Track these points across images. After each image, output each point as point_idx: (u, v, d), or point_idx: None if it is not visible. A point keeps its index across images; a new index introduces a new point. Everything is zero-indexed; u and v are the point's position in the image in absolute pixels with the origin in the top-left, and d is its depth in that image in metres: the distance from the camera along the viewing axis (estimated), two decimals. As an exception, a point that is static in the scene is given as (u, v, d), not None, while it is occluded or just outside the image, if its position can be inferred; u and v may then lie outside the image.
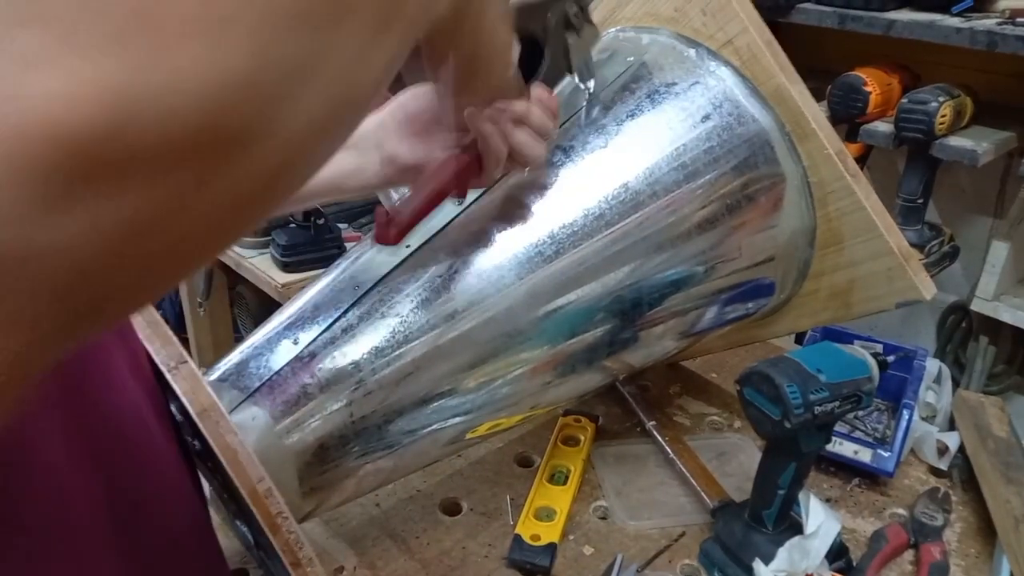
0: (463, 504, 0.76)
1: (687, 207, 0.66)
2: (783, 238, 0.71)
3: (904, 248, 0.67)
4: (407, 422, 0.60)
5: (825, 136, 0.67)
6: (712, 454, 0.82)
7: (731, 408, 0.91)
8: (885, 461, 0.77)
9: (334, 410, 0.57)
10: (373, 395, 0.58)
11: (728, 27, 0.69)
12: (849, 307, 0.73)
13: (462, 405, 0.62)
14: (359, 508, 0.74)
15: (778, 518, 0.66)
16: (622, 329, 0.67)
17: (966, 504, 0.78)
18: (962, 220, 1.28)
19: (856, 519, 0.76)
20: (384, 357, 0.58)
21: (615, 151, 0.66)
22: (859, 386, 0.63)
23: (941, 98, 1.03)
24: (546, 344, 0.64)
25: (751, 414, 0.63)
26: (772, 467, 0.65)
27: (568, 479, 0.77)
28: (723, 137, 0.67)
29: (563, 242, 0.62)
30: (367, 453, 0.60)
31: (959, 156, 1.04)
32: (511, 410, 0.67)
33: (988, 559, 0.71)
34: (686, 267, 0.68)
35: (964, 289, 1.29)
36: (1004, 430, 0.81)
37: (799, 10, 1.15)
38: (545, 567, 0.67)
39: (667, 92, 0.68)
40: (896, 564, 0.71)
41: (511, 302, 0.61)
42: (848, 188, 0.67)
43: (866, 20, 1.09)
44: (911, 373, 0.84)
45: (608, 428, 0.87)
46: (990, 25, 0.99)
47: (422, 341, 0.59)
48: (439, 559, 0.69)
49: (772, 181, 0.69)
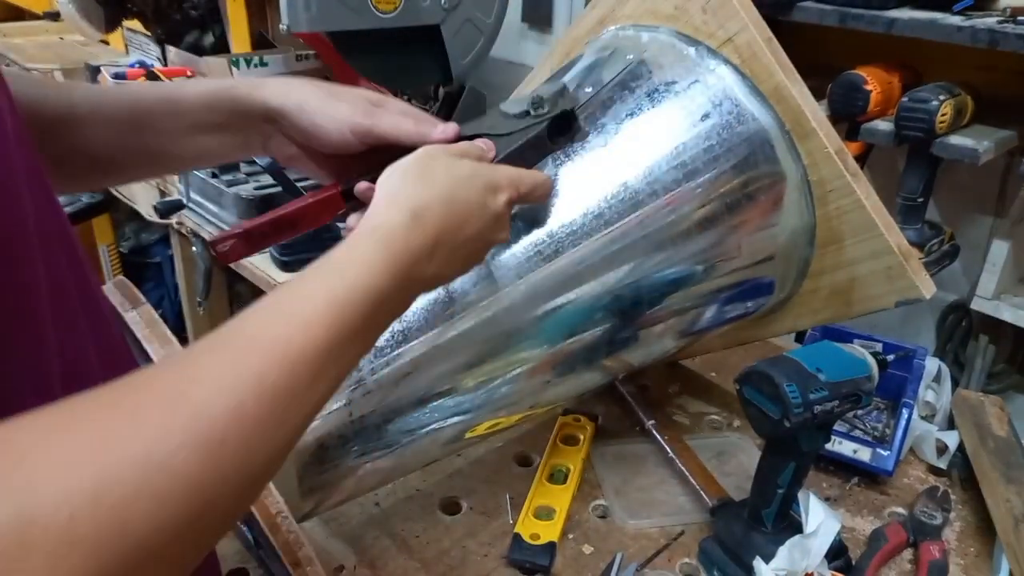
0: (463, 503, 0.76)
1: (686, 206, 0.66)
2: (783, 237, 0.71)
3: (904, 247, 0.67)
4: (406, 421, 0.60)
5: (825, 135, 0.67)
6: (711, 453, 0.82)
7: (731, 407, 0.91)
8: (884, 460, 0.77)
9: (333, 410, 0.57)
10: (372, 395, 0.58)
11: (728, 25, 0.68)
12: (849, 306, 0.73)
13: (461, 404, 0.62)
14: (359, 507, 0.74)
15: (777, 517, 0.66)
16: (621, 328, 0.67)
17: (965, 503, 0.78)
18: (962, 219, 1.27)
19: (855, 518, 0.76)
20: (383, 356, 0.58)
21: (614, 150, 0.65)
22: (859, 385, 0.63)
23: (942, 96, 1.02)
24: (545, 343, 0.64)
25: (751, 413, 0.63)
26: (771, 466, 0.65)
27: (568, 478, 0.77)
28: (723, 136, 0.67)
29: (562, 241, 0.62)
30: (366, 453, 0.60)
31: (960, 155, 1.04)
32: (510, 409, 0.67)
33: (987, 558, 0.71)
34: (685, 266, 0.68)
35: (964, 288, 1.29)
36: (1004, 429, 0.81)
37: (799, 8, 1.15)
38: (545, 566, 0.67)
39: (667, 91, 0.68)
40: (895, 563, 0.71)
41: (510, 301, 0.61)
42: (848, 187, 0.67)
43: (867, 18, 1.08)
44: (911, 372, 0.84)
45: (607, 427, 0.87)
46: (991, 23, 0.99)
47: (421, 340, 0.59)
48: (439, 558, 0.69)
49: (772, 180, 0.69)
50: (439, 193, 0.44)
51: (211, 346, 0.28)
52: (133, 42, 2.15)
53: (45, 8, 2.46)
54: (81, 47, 2.25)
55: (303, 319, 0.31)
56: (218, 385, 0.26)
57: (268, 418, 0.27)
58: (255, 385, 0.27)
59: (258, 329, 0.30)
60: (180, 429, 0.25)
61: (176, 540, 0.24)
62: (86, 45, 2.27)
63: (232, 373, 0.27)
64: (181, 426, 0.25)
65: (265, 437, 0.26)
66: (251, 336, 0.29)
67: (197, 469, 0.24)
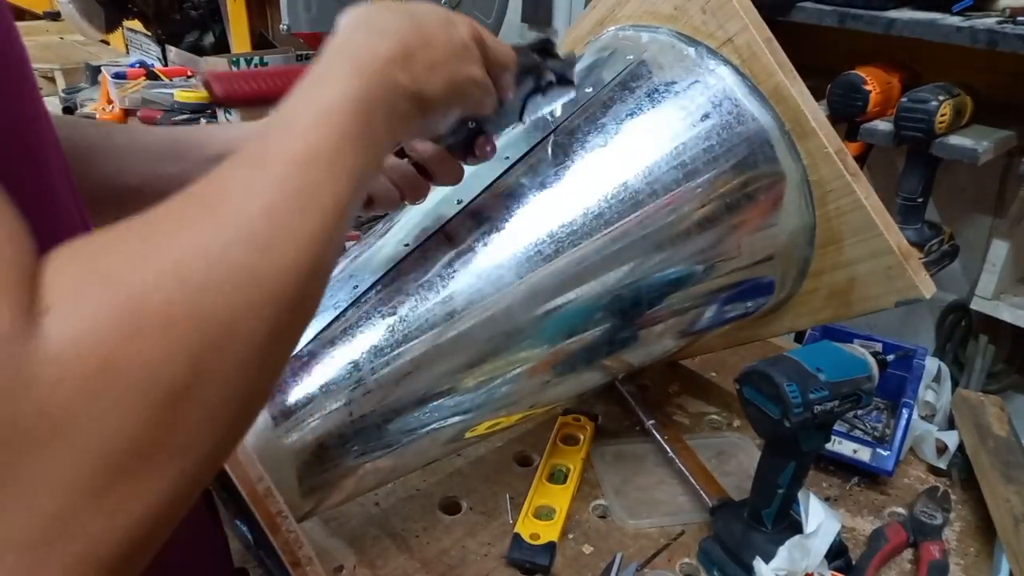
0: (462, 503, 0.76)
1: (686, 206, 0.66)
2: (783, 237, 0.71)
3: (904, 247, 0.67)
4: (406, 421, 0.60)
5: (825, 135, 0.67)
6: (711, 453, 0.82)
7: (730, 407, 0.91)
8: (884, 460, 0.77)
9: (333, 409, 0.57)
10: (372, 394, 0.58)
11: (728, 25, 0.68)
12: (849, 306, 0.73)
13: (461, 404, 0.62)
14: (358, 507, 0.74)
15: (777, 517, 0.66)
16: (621, 328, 0.67)
17: (965, 503, 0.78)
18: (962, 219, 1.28)
19: (855, 518, 0.76)
20: (383, 356, 0.58)
21: (614, 150, 0.65)
22: (859, 385, 0.63)
23: (941, 97, 1.02)
24: (545, 343, 0.64)
25: (750, 413, 0.63)
26: (771, 466, 0.65)
27: (567, 478, 0.77)
28: (722, 136, 0.67)
29: (562, 241, 0.62)
30: (366, 452, 0.60)
31: (959, 155, 1.04)
32: (510, 409, 0.67)
33: (987, 558, 0.71)
34: (685, 266, 0.68)
35: (964, 288, 1.29)
36: (1004, 429, 0.81)
37: (799, 8, 1.15)
38: (544, 566, 0.67)
39: (666, 91, 0.68)
40: (895, 563, 0.71)
41: (510, 301, 0.61)
42: (848, 187, 0.67)
43: (866, 19, 1.08)
44: (910, 372, 0.84)
45: (607, 427, 0.87)
46: (991, 24, 0.99)
47: (421, 340, 0.59)
48: (438, 558, 0.69)
49: (771, 180, 0.69)
50: (399, 15, 0.45)
51: (230, 167, 0.32)
52: (133, 42, 2.15)
53: (45, 8, 2.47)
54: (81, 47, 2.25)
55: (297, 132, 0.34)
56: (248, 191, 0.30)
57: (296, 213, 0.31)
58: (278, 187, 0.31)
59: (262, 148, 0.33)
60: (227, 226, 0.28)
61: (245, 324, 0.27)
62: (86, 45, 2.27)
63: (258, 181, 0.31)
64: (226, 224, 0.28)
65: (295, 231, 0.30)
66: (259, 155, 0.33)
67: (247, 260, 0.28)
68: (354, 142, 0.36)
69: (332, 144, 0.34)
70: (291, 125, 0.35)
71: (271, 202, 0.30)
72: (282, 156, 0.33)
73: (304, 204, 0.31)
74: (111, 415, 0.24)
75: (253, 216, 0.29)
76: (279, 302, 0.29)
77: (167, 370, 0.25)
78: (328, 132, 0.35)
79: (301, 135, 0.34)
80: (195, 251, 0.27)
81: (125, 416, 0.24)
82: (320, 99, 0.36)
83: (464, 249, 0.61)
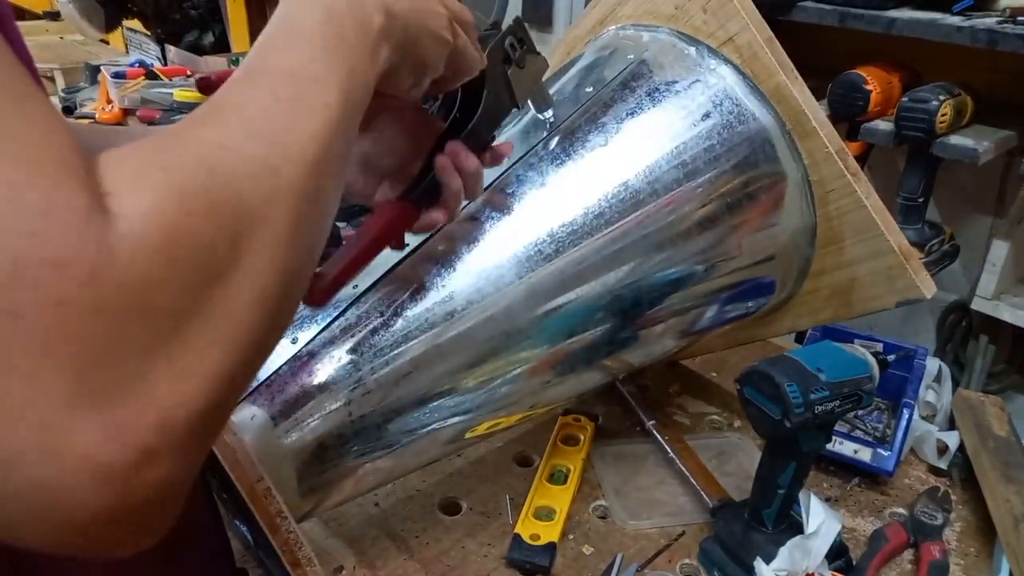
0: (462, 504, 0.76)
1: (687, 205, 0.66)
2: (783, 237, 0.71)
3: (904, 247, 0.67)
4: (406, 421, 0.60)
5: (825, 134, 0.67)
6: (712, 453, 0.82)
7: (731, 407, 0.91)
8: (885, 460, 0.77)
9: (333, 409, 0.57)
10: (372, 394, 0.58)
11: (728, 25, 0.68)
12: (849, 306, 0.73)
13: (461, 404, 0.62)
14: (358, 508, 0.74)
15: (778, 517, 0.66)
16: (622, 328, 0.67)
17: (966, 503, 0.78)
18: (962, 219, 1.28)
19: (856, 518, 0.76)
20: (383, 356, 0.58)
21: (615, 149, 0.65)
22: (859, 385, 0.63)
23: (942, 96, 1.02)
24: (546, 343, 0.64)
25: (751, 413, 0.63)
26: (772, 466, 0.65)
27: (568, 478, 0.77)
28: (723, 135, 0.67)
29: (563, 241, 0.62)
30: (366, 452, 0.60)
31: (959, 155, 1.04)
32: (510, 409, 0.67)
33: (988, 558, 0.71)
34: (686, 266, 0.67)
35: (964, 288, 1.29)
36: (1004, 429, 0.81)
37: (799, 8, 1.15)
38: (544, 567, 0.67)
39: (667, 90, 0.68)
40: (896, 563, 0.71)
41: (510, 301, 0.61)
42: (848, 187, 0.67)
43: (867, 18, 1.08)
44: (911, 372, 0.84)
45: (608, 427, 0.87)
46: (991, 24, 0.99)
47: (421, 340, 0.59)
48: (438, 559, 0.69)
49: (772, 179, 0.69)
50: None
51: (230, 81, 0.35)
52: (133, 41, 2.15)
53: (45, 8, 2.47)
54: (81, 47, 2.25)
55: (277, 48, 0.38)
56: (245, 96, 0.34)
57: (290, 115, 0.34)
58: (268, 93, 0.34)
59: (251, 63, 0.37)
60: (235, 125, 0.32)
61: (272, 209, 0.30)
62: (86, 45, 2.27)
63: (249, 89, 0.35)
64: (234, 123, 0.32)
65: (295, 129, 0.33)
66: (250, 67, 0.36)
67: (260, 152, 0.31)
68: (330, 53, 0.38)
69: (307, 55, 0.37)
70: (270, 43, 0.38)
71: (267, 104, 0.34)
72: (268, 68, 0.36)
73: (295, 107, 0.34)
74: (176, 287, 0.26)
75: (254, 116, 0.33)
76: (296, 191, 0.32)
77: (216, 248, 0.27)
78: (301, 45, 0.38)
79: (281, 51, 0.38)
80: (216, 145, 0.30)
81: (187, 288, 0.26)
82: (289, 18, 0.39)
83: (464, 249, 0.61)
